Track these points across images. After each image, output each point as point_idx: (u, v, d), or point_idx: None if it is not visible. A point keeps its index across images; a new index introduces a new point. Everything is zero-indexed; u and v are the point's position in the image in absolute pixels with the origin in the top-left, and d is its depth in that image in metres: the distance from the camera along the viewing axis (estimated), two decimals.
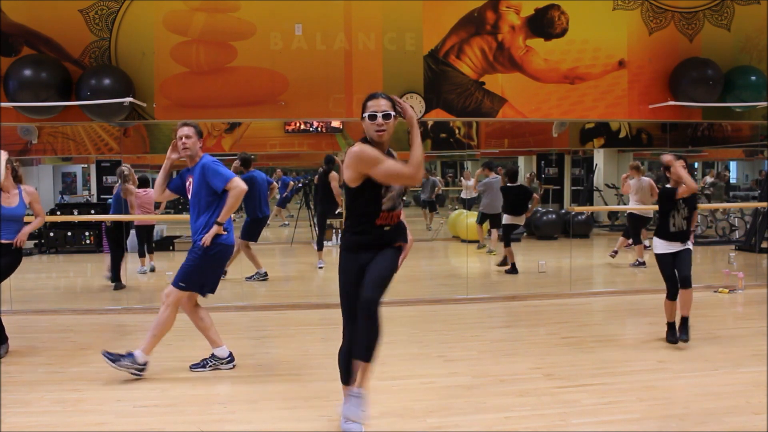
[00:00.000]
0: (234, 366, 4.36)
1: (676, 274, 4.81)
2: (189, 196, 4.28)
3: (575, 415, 3.49)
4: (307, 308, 6.35)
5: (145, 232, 8.27)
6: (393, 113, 3.07)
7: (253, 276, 7.75)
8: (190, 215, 4.27)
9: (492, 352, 4.73)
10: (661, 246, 4.89)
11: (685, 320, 4.78)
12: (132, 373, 4.08)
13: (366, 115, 3.07)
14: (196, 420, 3.46)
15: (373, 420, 3.44)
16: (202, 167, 4.17)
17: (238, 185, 4.13)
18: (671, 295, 4.86)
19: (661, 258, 4.89)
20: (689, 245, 4.87)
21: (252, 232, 7.67)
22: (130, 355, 4.10)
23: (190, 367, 4.34)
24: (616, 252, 8.82)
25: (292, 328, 5.57)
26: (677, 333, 4.80)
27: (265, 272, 7.81)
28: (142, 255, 8.29)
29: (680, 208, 4.82)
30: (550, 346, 4.87)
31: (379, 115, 3.04)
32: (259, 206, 7.62)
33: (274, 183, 8.19)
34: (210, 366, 4.34)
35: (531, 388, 3.90)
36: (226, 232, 4.19)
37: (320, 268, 8.67)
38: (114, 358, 4.07)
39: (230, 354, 4.39)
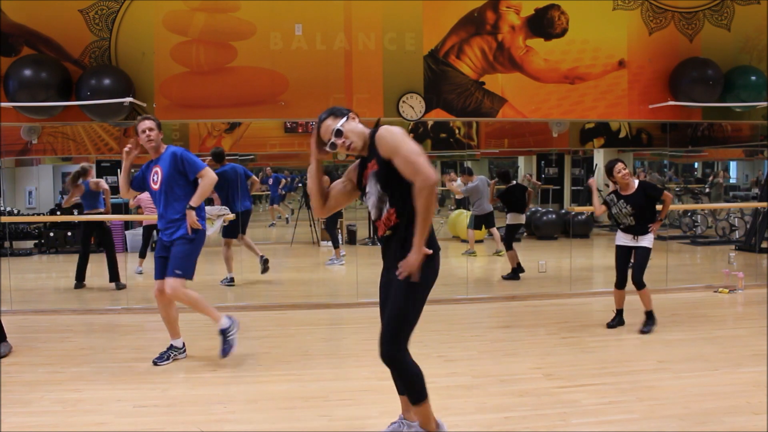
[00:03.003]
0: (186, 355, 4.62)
1: (626, 268, 5.31)
2: (153, 188, 4.34)
3: (575, 415, 3.48)
4: (307, 308, 6.35)
5: (150, 231, 8.27)
6: (339, 124, 2.74)
7: (223, 280, 7.42)
8: (157, 205, 4.35)
9: (492, 352, 4.73)
10: (617, 237, 5.43)
11: (647, 314, 5.28)
12: (230, 344, 4.41)
13: (328, 149, 2.81)
14: (196, 420, 3.46)
15: (373, 420, 3.44)
16: (173, 156, 4.26)
17: (209, 174, 4.31)
18: (618, 284, 5.36)
19: (616, 249, 5.41)
20: (644, 242, 5.23)
21: (233, 228, 7.27)
22: (224, 339, 4.40)
23: (154, 362, 4.45)
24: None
25: (292, 328, 5.57)
26: (618, 321, 5.41)
27: (232, 278, 7.42)
28: (142, 255, 8.28)
29: (621, 208, 5.24)
30: (550, 346, 4.87)
31: (333, 139, 2.76)
32: (235, 200, 7.32)
33: (254, 177, 7.99)
34: (171, 358, 4.51)
35: (531, 388, 3.89)
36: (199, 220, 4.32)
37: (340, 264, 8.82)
38: (225, 349, 4.37)
39: (184, 344, 4.64)
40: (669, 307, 6.10)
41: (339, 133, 2.75)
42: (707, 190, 12.98)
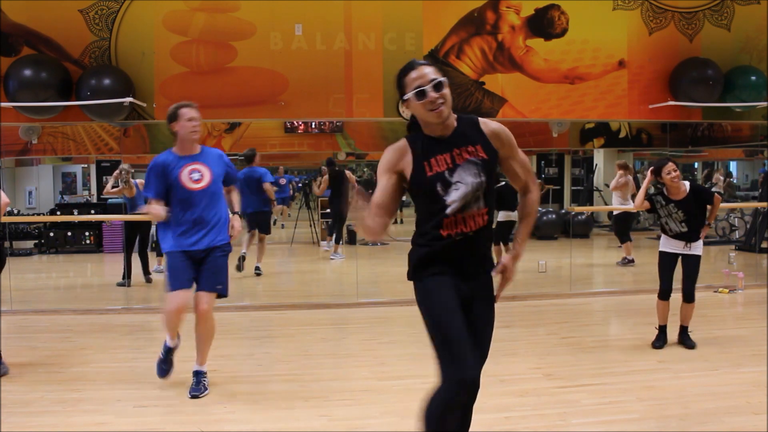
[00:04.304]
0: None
1: (671, 277, 4.77)
2: (192, 187, 3.72)
3: (575, 415, 3.48)
4: (307, 308, 6.35)
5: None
6: (443, 79, 2.22)
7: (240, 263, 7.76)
8: (199, 206, 3.71)
9: (492, 352, 4.69)
10: (662, 243, 4.82)
11: (683, 329, 4.81)
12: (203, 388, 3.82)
13: (410, 94, 2.22)
14: (196, 420, 3.46)
15: (373, 420, 3.44)
16: (221, 158, 3.89)
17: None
18: (662, 295, 4.79)
19: (660, 255, 4.82)
20: (697, 250, 4.71)
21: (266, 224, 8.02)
22: (198, 374, 3.85)
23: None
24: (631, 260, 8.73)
25: (292, 328, 5.57)
26: (664, 339, 4.81)
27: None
28: (161, 254, 8.29)
29: (671, 213, 4.69)
30: (550, 346, 4.87)
31: (428, 87, 2.20)
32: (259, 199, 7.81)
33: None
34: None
35: (531, 388, 3.89)
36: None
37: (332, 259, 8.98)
38: (199, 390, 3.77)
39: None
40: (669, 307, 6.10)
41: (439, 86, 2.21)
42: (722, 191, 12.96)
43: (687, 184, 4.70)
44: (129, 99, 5.58)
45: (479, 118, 2.36)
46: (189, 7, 5.96)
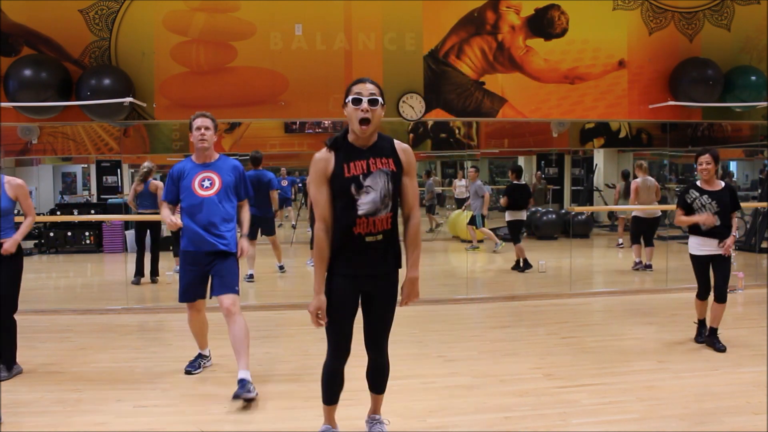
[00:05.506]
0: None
1: (708, 279, 4.76)
2: (201, 194, 3.94)
3: (575, 415, 3.48)
4: (307, 308, 6.34)
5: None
6: (381, 100, 2.77)
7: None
8: (204, 213, 3.91)
9: (492, 352, 4.72)
10: (693, 246, 4.74)
11: (713, 331, 4.74)
12: (251, 397, 3.69)
13: (349, 99, 2.74)
14: (196, 420, 3.46)
15: None
16: (236, 169, 4.08)
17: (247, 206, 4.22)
18: (701, 296, 4.84)
19: (693, 259, 4.77)
20: (726, 251, 4.60)
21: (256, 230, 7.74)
22: (242, 381, 3.74)
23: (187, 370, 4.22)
24: (642, 263, 8.52)
25: (292, 328, 5.57)
26: (708, 339, 4.76)
27: (252, 274, 7.67)
28: (177, 255, 8.26)
29: (705, 203, 4.58)
30: (550, 346, 4.87)
31: (365, 99, 2.72)
32: (265, 203, 7.64)
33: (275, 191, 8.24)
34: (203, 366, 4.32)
35: (531, 388, 3.89)
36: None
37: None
38: (245, 392, 3.68)
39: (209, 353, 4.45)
40: (669, 307, 6.11)
41: (374, 102, 2.76)
42: None
43: (722, 183, 4.67)
44: (129, 99, 5.59)
45: (394, 140, 2.85)
46: (189, 7, 5.96)
